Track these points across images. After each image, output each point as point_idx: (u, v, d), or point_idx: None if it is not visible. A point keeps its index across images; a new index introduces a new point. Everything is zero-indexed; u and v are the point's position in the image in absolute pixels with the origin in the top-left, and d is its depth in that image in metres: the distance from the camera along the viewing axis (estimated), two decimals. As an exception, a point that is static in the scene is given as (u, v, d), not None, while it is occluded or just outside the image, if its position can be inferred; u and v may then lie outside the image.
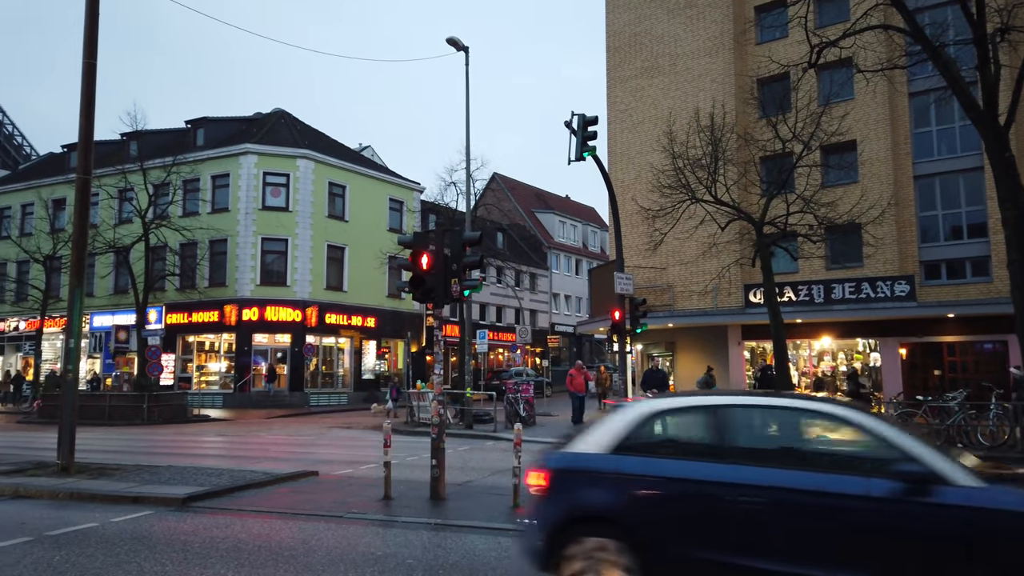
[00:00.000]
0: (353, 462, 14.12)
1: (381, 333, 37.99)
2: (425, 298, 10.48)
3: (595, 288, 29.77)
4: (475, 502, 9.82)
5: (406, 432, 20.08)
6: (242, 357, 33.49)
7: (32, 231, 38.13)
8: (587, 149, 16.98)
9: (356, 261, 36.65)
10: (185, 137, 37.44)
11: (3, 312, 39.32)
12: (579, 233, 62.68)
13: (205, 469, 12.01)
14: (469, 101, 21.96)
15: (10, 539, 7.36)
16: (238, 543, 7.38)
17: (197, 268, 34.09)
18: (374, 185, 39.16)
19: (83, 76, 12.06)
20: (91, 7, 12.11)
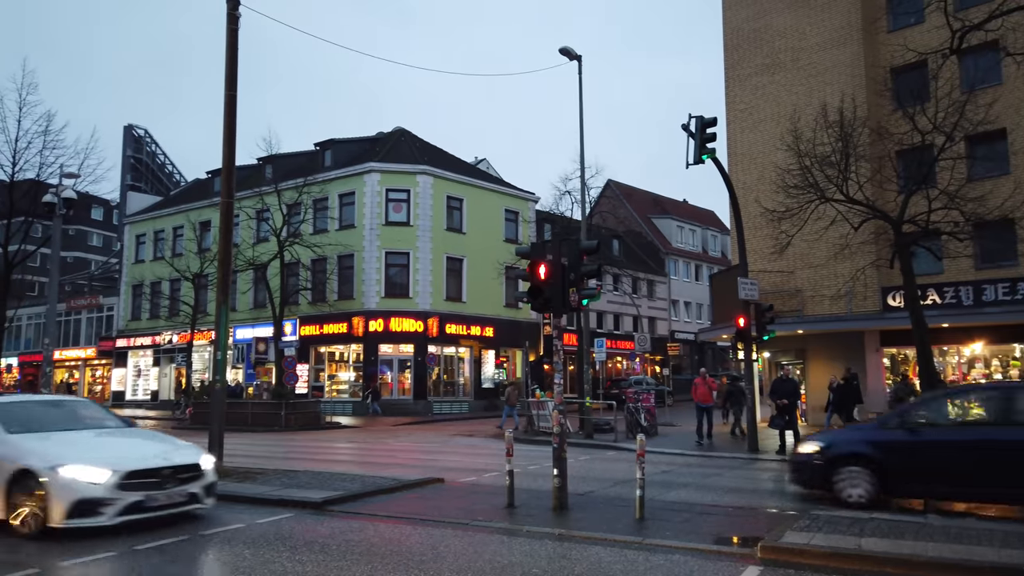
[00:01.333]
0: (476, 470, 14.36)
1: (499, 342, 38.54)
2: (543, 308, 10.52)
3: (717, 294, 28.86)
4: (598, 513, 9.72)
5: (526, 441, 20.20)
6: (369, 367, 34.94)
7: (182, 251, 41.50)
8: (706, 151, 16.52)
9: (474, 272, 37.42)
10: (314, 159, 39.66)
11: (159, 327, 43.01)
12: (698, 238, 61.08)
13: (338, 474, 12.57)
14: (583, 110, 21.94)
15: (169, 537, 7.99)
16: (371, 547, 7.66)
17: (327, 282, 35.98)
18: (490, 197, 39.88)
19: (225, 107, 13.02)
20: (230, 45, 13.07)
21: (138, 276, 45.49)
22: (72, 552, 7.25)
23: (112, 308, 47.96)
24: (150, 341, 44.15)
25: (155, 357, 44.43)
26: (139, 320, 45.24)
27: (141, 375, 45.52)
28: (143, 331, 44.59)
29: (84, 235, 70.60)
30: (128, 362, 45.92)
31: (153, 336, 43.80)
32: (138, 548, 7.45)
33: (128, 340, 45.57)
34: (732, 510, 10.24)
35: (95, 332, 48.95)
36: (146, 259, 45.67)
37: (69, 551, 7.28)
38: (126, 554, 7.22)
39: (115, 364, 46.76)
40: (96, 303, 49.46)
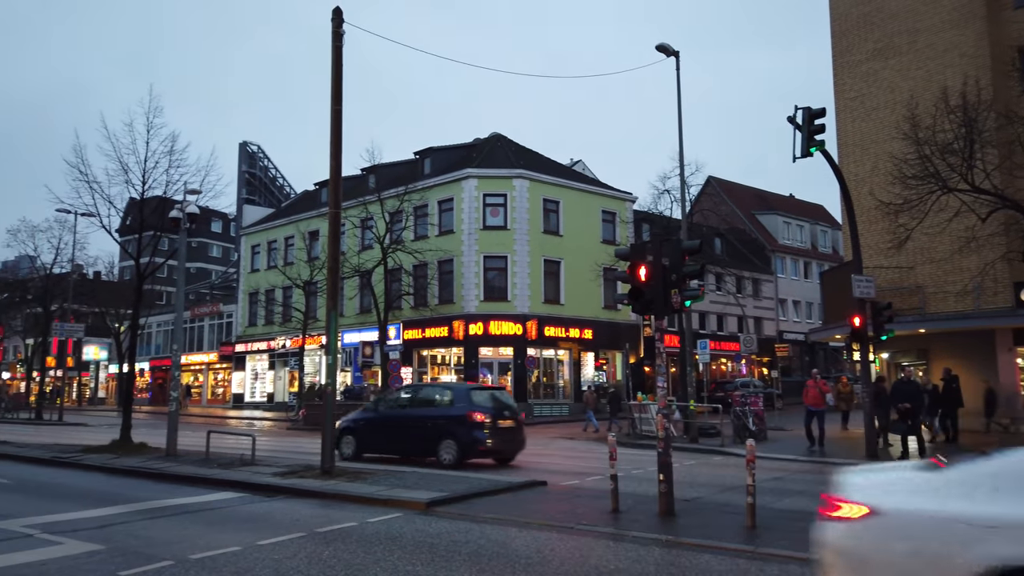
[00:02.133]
0: (579, 473, 14.29)
1: (598, 344, 38.24)
2: (644, 310, 10.35)
3: (828, 292, 27.54)
4: (706, 519, 9.47)
5: (628, 444, 19.94)
6: (470, 370, 35.47)
7: (293, 260, 43.55)
8: (814, 144, 15.80)
9: (571, 274, 37.32)
10: (414, 167, 40.73)
11: (273, 332, 45.31)
12: (806, 234, 58.51)
13: (443, 475, 12.81)
14: (681, 106, 21.49)
15: (288, 534, 8.38)
16: (478, 548, 7.76)
17: (428, 287, 36.84)
18: (586, 198, 39.70)
19: (331, 121, 13.56)
20: (336, 62, 13.61)
21: (254, 284, 48.12)
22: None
23: (231, 315, 50.94)
24: (265, 346, 46.55)
25: (270, 361, 46.80)
26: (255, 326, 47.81)
27: (258, 378, 48.08)
28: (259, 336, 47.08)
29: (205, 247, 75.42)
30: (246, 366, 48.60)
31: (268, 341, 46.16)
32: (261, 543, 7.85)
33: (246, 345, 48.23)
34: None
35: (216, 338, 52.15)
36: (261, 268, 48.21)
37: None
38: (248, 548, 7.62)
39: (235, 368, 49.61)
40: (217, 310, 52.69)
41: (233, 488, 11.84)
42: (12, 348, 58.89)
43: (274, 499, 11.01)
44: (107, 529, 8.63)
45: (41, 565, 6.93)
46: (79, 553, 7.41)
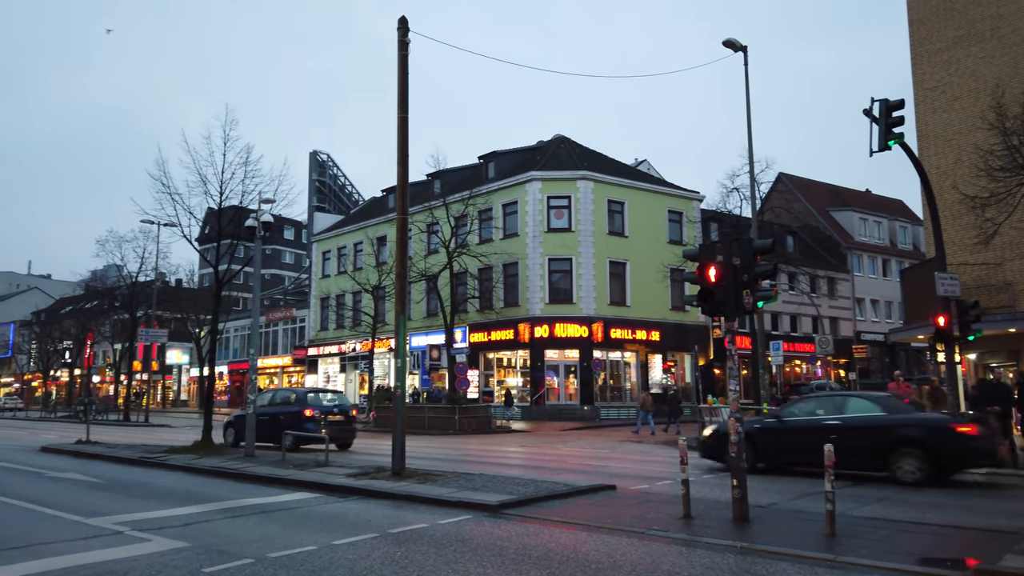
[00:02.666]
0: (648, 477, 14.10)
1: (666, 346, 37.69)
2: (715, 312, 10.13)
3: (909, 291, 26.38)
4: (782, 526, 9.18)
5: (698, 448, 19.53)
6: (536, 372, 35.49)
7: (362, 265, 44.53)
8: (892, 137, 15.17)
9: (637, 275, 36.91)
10: (478, 171, 41.06)
11: (344, 336, 46.40)
12: (884, 230, 56.26)
13: (512, 478, 12.84)
14: (750, 102, 20.97)
15: (361, 534, 8.55)
16: (548, 552, 7.74)
17: (493, 290, 37.05)
18: (652, 198, 39.21)
19: (398, 128, 13.80)
20: (401, 71, 13.84)
21: (325, 290, 49.41)
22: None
23: (304, 320, 52.45)
24: (336, 349, 47.71)
25: (341, 364, 47.93)
26: (327, 330, 49.07)
27: (330, 381, 49.30)
28: (330, 340, 48.29)
29: (278, 254, 77.89)
30: (319, 369, 49.91)
31: (339, 345, 47.29)
32: (336, 543, 8.03)
33: (318, 349, 49.55)
34: (937, 528, 9.27)
35: (290, 342, 53.77)
36: (331, 274, 49.47)
37: (277, 543, 7.96)
38: (323, 548, 7.81)
39: (308, 371, 51.02)
40: (290, 315, 54.32)
41: (308, 489, 12.17)
42: (101, 353, 62.13)
43: (347, 500, 11.25)
44: (191, 527, 8.99)
45: (132, 561, 7.27)
46: (166, 550, 7.73)
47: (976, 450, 12.82)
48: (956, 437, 12.81)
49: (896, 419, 13.55)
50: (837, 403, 14.97)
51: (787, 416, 14.93)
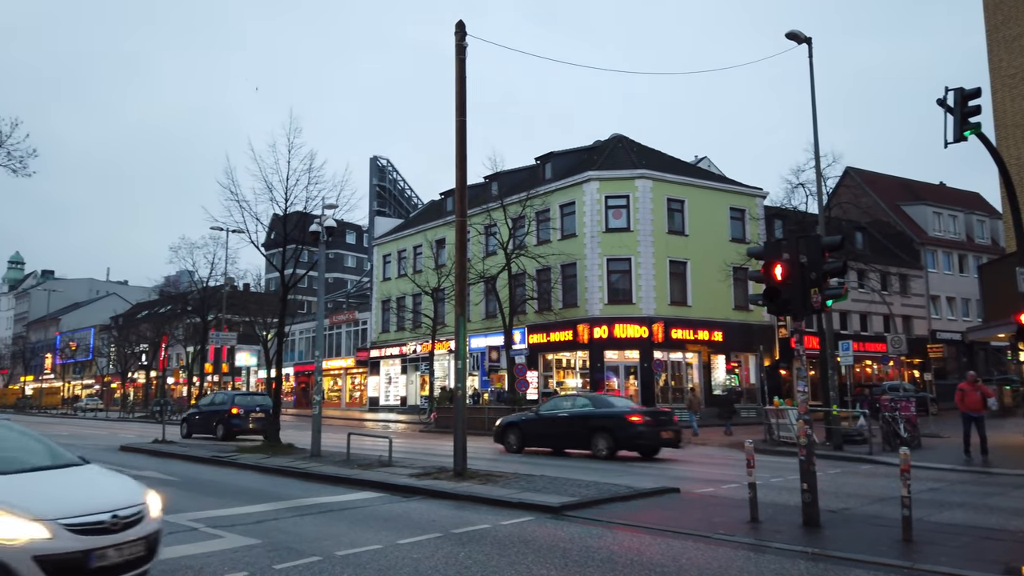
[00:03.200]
0: (713, 480, 13.84)
1: (729, 347, 36.92)
2: (781, 311, 9.87)
3: (988, 287, 25.19)
4: (855, 532, 8.88)
5: (765, 451, 19.06)
6: (595, 373, 35.25)
7: (422, 268, 45.05)
8: (968, 127, 14.49)
9: (699, 275, 36.28)
10: (535, 172, 41.05)
11: (404, 338, 47.05)
12: (960, 224, 53.85)
13: (573, 480, 12.78)
14: (815, 95, 20.34)
15: (425, 534, 8.64)
16: (611, 555, 7.67)
17: (551, 291, 36.97)
18: (712, 196, 38.49)
19: (456, 132, 13.91)
20: (459, 75, 13.95)
21: (386, 292, 50.20)
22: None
23: (366, 322, 53.42)
24: (398, 351, 48.41)
25: (402, 366, 48.61)
26: (388, 332, 49.85)
27: (392, 382, 50.08)
28: (391, 342, 49.03)
29: (341, 258, 79.60)
30: (381, 370, 50.75)
31: (400, 346, 47.98)
32: (400, 542, 8.14)
33: (380, 350, 50.38)
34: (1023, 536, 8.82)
35: (353, 344, 54.83)
36: (391, 277, 50.24)
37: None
38: (388, 547, 7.92)
39: (370, 372, 51.94)
40: (353, 318, 55.41)
41: (372, 488, 12.37)
42: (175, 355, 64.60)
43: (411, 499, 11.39)
44: (261, 525, 9.24)
45: (207, 557, 7.52)
46: (238, 547, 7.97)
47: (640, 434, 17.40)
48: (628, 424, 17.55)
49: (596, 411, 18.31)
50: (569, 401, 20.57)
51: (542, 410, 20.18)
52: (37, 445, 7.09)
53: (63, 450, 7.12)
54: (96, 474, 6.72)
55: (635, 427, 17.46)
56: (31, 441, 7.18)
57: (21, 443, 7.05)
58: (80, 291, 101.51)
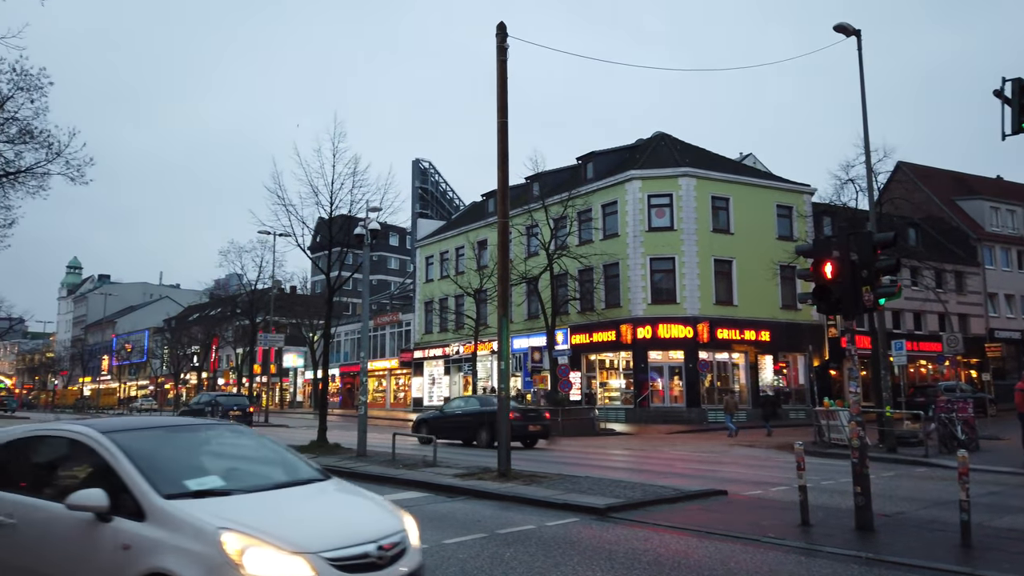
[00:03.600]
0: (761, 483, 13.60)
1: (777, 347, 36.25)
2: (831, 310, 9.64)
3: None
4: (911, 537, 8.62)
5: (814, 453, 18.64)
6: (639, 374, 34.96)
7: (464, 269, 45.28)
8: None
9: (745, 274, 35.70)
10: (577, 172, 40.90)
11: (447, 339, 47.34)
12: (1019, 219, 51.92)
13: (618, 481, 12.69)
14: (864, 89, 19.81)
15: (470, 534, 8.67)
16: (658, 557, 7.58)
17: (594, 292, 36.78)
18: (759, 193, 37.83)
19: (498, 133, 13.93)
20: (501, 76, 13.98)
21: (428, 294, 50.60)
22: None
23: (409, 323, 53.91)
24: (441, 352, 48.74)
25: (445, 367, 48.93)
26: (431, 333, 50.23)
27: (435, 383, 50.44)
28: (435, 343, 49.39)
29: (384, 260, 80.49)
30: (424, 371, 51.16)
31: (443, 347, 48.30)
32: (446, 542, 8.18)
33: (423, 351, 50.80)
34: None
35: (397, 345, 55.38)
36: (434, 278, 50.61)
37: None
38: (434, 547, 7.97)
39: (414, 373, 52.41)
40: (396, 319, 55.98)
41: (418, 488, 12.47)
42: (225, 357, 66.21)
43: (455, 499, 11.44)
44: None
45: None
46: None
47: (512, 428, 17.85)
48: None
49: (481, 410, 22.14)
50: (464, 402, 25.55)
51: (444, 409, 24.83)
52: (273, 454, 5.83)
53: (299, 459, 5.85)
54: (344, 491, 5.50)
55: (511, 422, 19.29)
56: (267, 449, 5.90)
57: (259, 452, 5.85)
58: (135, 295, 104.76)
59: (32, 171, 18.67)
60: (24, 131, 17.92)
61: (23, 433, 5.65)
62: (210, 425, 6.25)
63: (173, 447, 5.49)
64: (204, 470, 5.25)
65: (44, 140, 18.14)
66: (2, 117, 17.69)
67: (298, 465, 5.68)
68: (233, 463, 5.59)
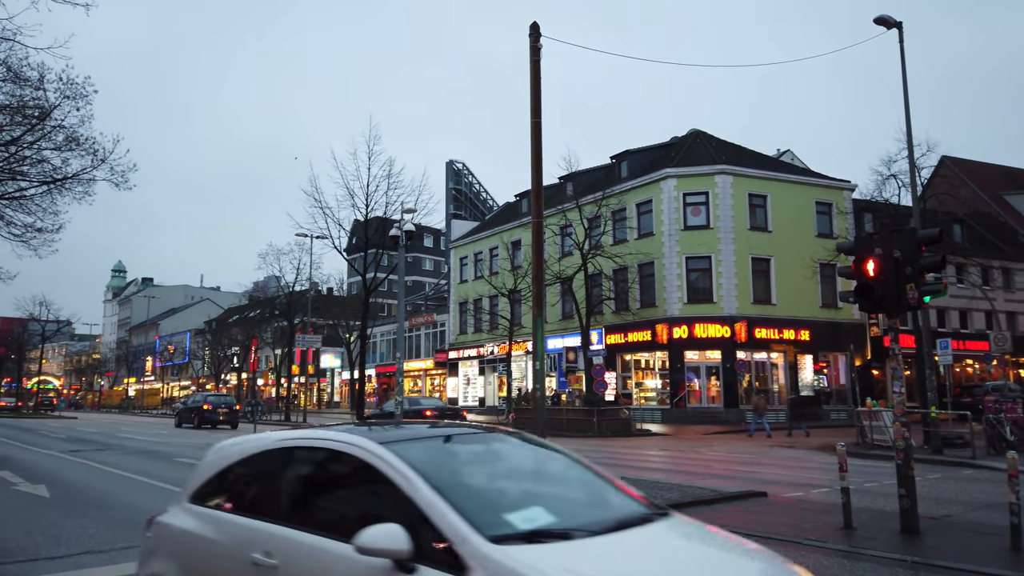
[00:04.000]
0: (802, 484, 13.36)
1: (817, 346, 35.61)
2: (874, 309, 9.44)
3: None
4: (958, 540, 8.40)
5: (856, 455, 18.28)
6: (675, 374, 34.64)
7: (498, 270, 45.37)
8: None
9: (783, 272, 35.15)
10: (611, 171, 40.70)
11: (482, 339, 47.49)
12: (1069, 213, 50.20)
13: (654, 482, 12.57)
14: (907, 82, 19.35)
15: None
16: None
17: (629, 291, 36.55)
18: (797, 190, 37.22)
19: (531, 133, 13.92)
20: (534, 76, 13.97)
21: (463, 295, 50.82)
22: None
23: (444, 324, 54.21)
24: (475, 352, 48.91)
25: (480, 367, 49.08)
26: (466, 334, 50.43)
27: (470, 383, 50.63)
28: (469, 344, 49.58)
29: (419, 261, 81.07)
30: (459, 371, 51.40)
31: (477, 348, 48.45)
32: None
33: (458, 352, 51.03)
34: None
35: (432, 346, 55.75)
36: (468, 279, 50.81)
37: None
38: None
39: (448, 374, 52.68)
40: (431, 320, 56.34)
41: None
42: (264, 358, 67.30)
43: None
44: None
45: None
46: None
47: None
48: (423, 417, 24.48)
49: (408, 408, 24.96)
50: (395, 403, 26.53)
51: (383, 408, 27.45)
52: (575, 472, 4.13)
53: (601, 478, 4.07)
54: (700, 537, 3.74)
55: (427, 419, 24.78)
56: (563, 465, 4.20)
57: (558, 469, 4.19)
58: (177, 297, 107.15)
59: (78, 177, 19.23)
60: (70, 138, 18.47)
61: (273, 444, 4.27)
62: (476, 431, 4.48)
63: (468, 464, 4.01)
64: (519, 499, 3.77)
65: (89, 147, 18.69)
66: (49, 125, 18.22)
67: (607, 489, 3.96)
68: (542, 486, 4.05)
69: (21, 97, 17.57)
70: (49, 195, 19.59)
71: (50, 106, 17.90)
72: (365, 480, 3.58)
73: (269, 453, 4.25)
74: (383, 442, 3.72)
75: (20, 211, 19.76)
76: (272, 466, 4.15)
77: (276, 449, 4.23)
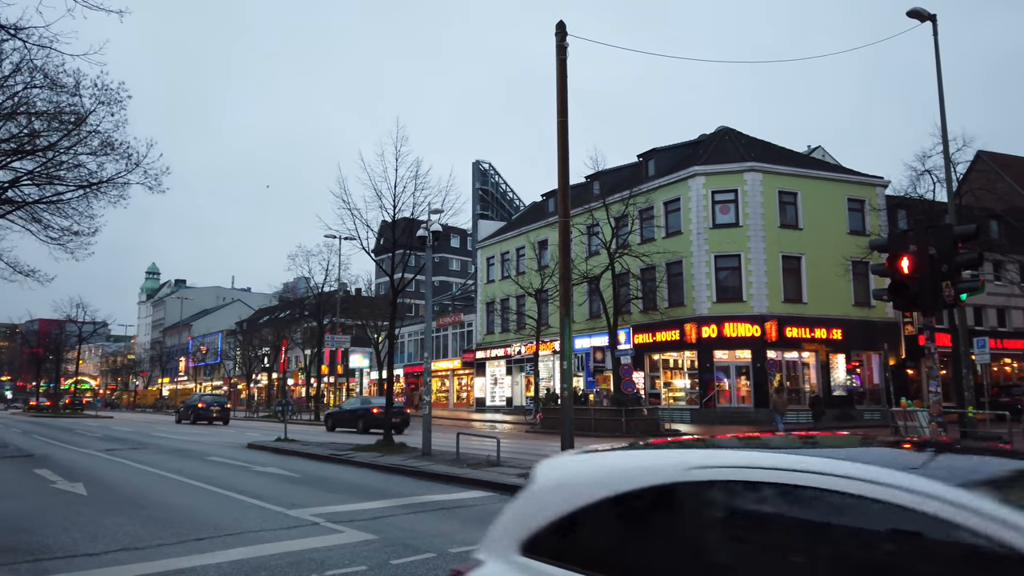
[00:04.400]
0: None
1: (849, 345, 35.05)
2: (909, 306, 9.25)
3: None
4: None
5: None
6: (704, 374, 34.32)
7: (525, 270, 45.34)
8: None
9: (814, 270, 34.64)
10: (638, 170, 40.45)
11: (509, 339, 47.50)
12: (1112, 208, 48.71)
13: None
14: (941, 76, 18.95)
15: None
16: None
17: (657, 290, 36.29)
18: (828, 187, 36.66)
19: (558, 132, 13.89)
20: (560, 75, 13.94)
21: (490, 294, 50.88)
22: (458, 540, 8.17)
23: (471, 324, 54.34)
24: (502, 352, 48.94)
25: (507, 367, 49.10)
26: (493, 334, 50.49)
27: (497, 383, 50.68)
28: (496, 344, 49.63)
29: (446, 261, 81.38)
30: (486, 371, 51.48)
31: (505, 348, 48.48)
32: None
33: (485, 352, 51.11)
34: None
35: (459, 346, 55.90)
36: (495, 279, 50.86)
37: (456, 539, 8.24)
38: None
39: (476, 373, 52.78)
40: (459, 320, 56.50)
41: (482, 487, 12.52)
42: (294, 358, 68.02)
43: (520, 500, 11.41)
44: (377, 521, 9.54)
45: (328, 551, 7.83)
46: (356, 542, 8.25)
47: (376, 419, 27.63)
48: (371, 415, 29.13)
49: (360, 407, 31.04)
50: (354, 400, 35.08)
51: (343, 407, 33.52)
52: None
53: None
54: None
55: (374, 416, 28.77)
56: None
57: None
58: (208, 298, 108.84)
59: (113, 181, 19.58)
60: (105, 143, 18.81)
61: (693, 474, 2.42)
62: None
63: None
64: None
65: (124, 151, 19.01)
66: (85, 130, 18.58)
67: None
68: None
69: (58, 103, 17.93)
70: (85, 199, 19.98)
71: (85, 112, 18.24)
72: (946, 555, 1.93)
73: (687, 488, 2.43)
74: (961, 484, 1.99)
75: (57, 215, 20.17)
76: (698, 510, 2.40)
77: (702, 483, 2.39)
